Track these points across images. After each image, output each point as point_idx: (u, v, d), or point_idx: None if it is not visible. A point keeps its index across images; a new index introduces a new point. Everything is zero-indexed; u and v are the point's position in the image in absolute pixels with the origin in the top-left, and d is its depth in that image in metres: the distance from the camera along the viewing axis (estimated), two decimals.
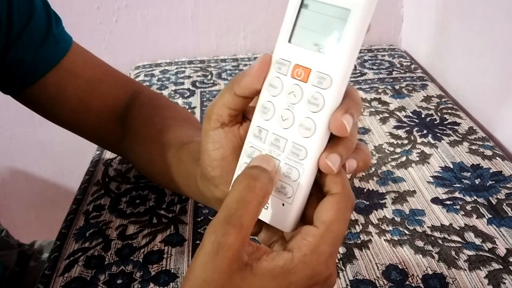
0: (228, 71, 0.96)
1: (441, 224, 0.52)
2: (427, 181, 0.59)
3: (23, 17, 0.48)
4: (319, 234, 0.29)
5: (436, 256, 0.48)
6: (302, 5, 0.30)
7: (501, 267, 0.46)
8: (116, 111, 0.55)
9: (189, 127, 0.51)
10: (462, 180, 0.58)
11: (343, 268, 0.47)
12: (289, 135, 0.30)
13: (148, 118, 0.53)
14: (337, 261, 0.48)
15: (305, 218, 0.32)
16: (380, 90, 0.83)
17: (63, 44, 0.53)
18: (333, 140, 0.30)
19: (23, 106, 0.55)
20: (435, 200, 0.55)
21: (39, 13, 0.50)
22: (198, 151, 0.36)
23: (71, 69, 0.53)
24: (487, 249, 0.48)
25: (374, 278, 0.46)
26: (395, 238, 0.50)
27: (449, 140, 0.67)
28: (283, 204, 0.31)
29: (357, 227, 0.52)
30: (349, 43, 0.28)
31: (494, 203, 0.54)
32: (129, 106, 0.55)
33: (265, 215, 0.32)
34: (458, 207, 0.54)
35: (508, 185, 0.57)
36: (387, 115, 0.75)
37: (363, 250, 0.49)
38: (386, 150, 0.66)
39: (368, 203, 0.56)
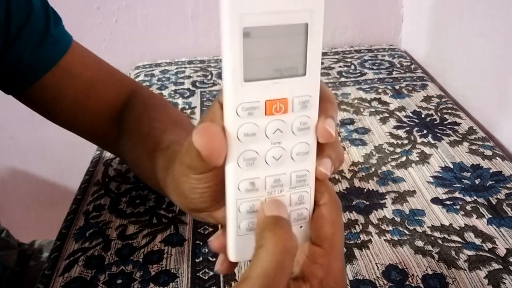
0: None
1: (441, 224, 0.52)
2: (427, 181, 0.59)
3: (21, 17, 0.48)
4: (327, 253, 0.29)
5: (436, 256, 0.48)
6: (244, 36, 0.25)
7: (501, 267, 0.46)
8: (114, 111, 0.55)
9: (175, 131, 0.48)
10: (462, 180, 0.58)
11: None
12: (287, 168, 0.29)
13: (139, 119, 0.52)
14: None
15: None
16: (380, 90, 0.83)
17: (62, 44, 0.53)
18: (320, 146, 0.29)
19: (23, 106, 0.55)
20: (435, 200, 0.55)
21: (37, 13, 0.50)
22: (171, 158, 0.34)
23: (69, 69, 0.53)
24: (487, 249, 0.48)
25: (374, 278, 0.46)
26: (395, 238, 0.50)
27: (449, 140, 0.67)
28: (301, 227, 0.31)
29: (357, 227, 0.52)
30: (316, 57, 0.27)
31: (494, 203, 0.54)
32: (125, 105, 0.55)
33: None
34: (458, 207, 0.54)
35: (508, 185, 0.57)
36: (387, 115, 0.75)
37: (363, 250, 0.49)
38: (386, 150, 0.66)
39: (368, 203, 0.56)
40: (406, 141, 0.68)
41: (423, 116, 0.74)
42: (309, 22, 0.26)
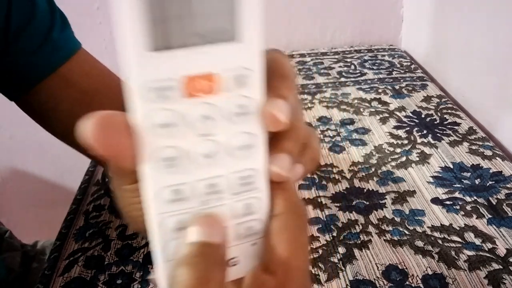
0: None
1: (441, 224, 0.52)
2: (427, 181, 0.59)
3: (21, 21, 0.46)
4: (280, 283, 0.21)
5: (436, 256, 0.48)
6: None
7: (501, 267, 0.46)
8: None
9: None
10: (462, 180, 0.58)
11: (343, 268, 0.47)
12: (225, 168, 0.21)
13: None
14: (337, 261, 0.48)
15: None
16: (380, 90, 0.83)
17: (64, 51, 0.50)
18: (275, 135, 0.22)
19: None
20: (435, 200, 0.55)
21: (40, 18, 0.47)
22: None
23: (66, 77, 0.50)
24: (487, 249, 0.48)
25: (374, 278, 0.46)
26: (395, 238, 0.50)
27: (449, 140, 0.67)
28: (253, 244, 0.23)
29: (357, 227, 0.52)
30: (255, 9, 0.19)
31: (494, 203, 0.54)
32: None
33: (237, 271, 0.23)
34: (458, 207, 0.54)
35: (508, 185, 0.57)
36: (387, 115, 0.75)
37: (363, 250, 0.49)
38: (386, 150, 0.66)
39: (368, 203, 0.56)
40: (406, 141, 0.68)
41: (423, 116, 0.74)
42: None
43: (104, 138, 0.19)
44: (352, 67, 0.94)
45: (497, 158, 0.62)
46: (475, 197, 0.55)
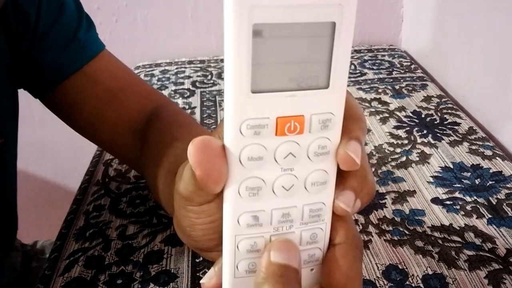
0: None
1: (441, 224, 0.52)
2: (427, 181, 0.59)
3: (49, 20, 0.48)
4: None
5: (436, 256, 0.48)
6: (254, 35, 0.20)
7: (501, 267, 0.46)
8: (135, 124, 0.53)
9: None
10: (462, 180, 0.58)
11: None
12: (299, 200, 0.24)
13: (160, 136, 0.49)
14: None
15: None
16: (380, 90, 0.83)
17: (89, 50, 0.51)
18: (341, 173, 0.24)
19: (23, 106, 0.55)
20: (435, 200, 0.55)
21: (67, 17, 0.49)
22: None
23: (92, 76, 0.51)
24: (487, 249, 0.48)
25: (374, 278, 0.46)
26: (395, 238, 0.50)
27: (449, 140, 0.67)
28: (312, 269, 0.26)
29: (357, 227, 0.52)
30: (344, 66, 0.22)
31: (494, 203, 0.54)
32: (149, 120, 0.52)
33: None
34: (458, 207, 0.54)
35: (508, 185, 0.57)
36: (387, 115, 0.75)
37: (363, 250, 0.49)
38: (386, 150, 0.66)
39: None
40: (406, 141, 0.68)
41: (423, 116, 0.74)
42: (337, 21, 0.21)
43: (202, 158, 0.22)
44: (352, 67, 0.94)
45: (497, 158, 0.62)
46: (475, 197, 0.55)
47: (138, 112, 0.53)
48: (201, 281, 0.27)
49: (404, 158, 0.64)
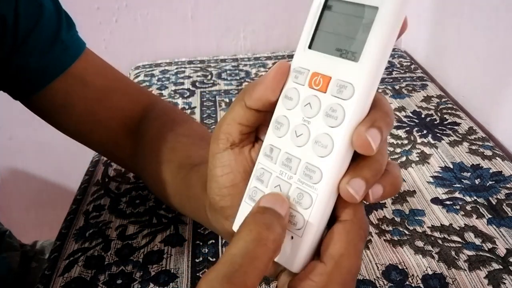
0: (228, 71, 0.96)
1: (441, 224, 0.52)
2: (427, 181, 0.59)
3: (29, 22, 0.46)
4: (327, 272, 0.25)
5: (436, 256, 0.48)
6: (325, 7, 0.26)
7: (501, 267, 0.46)
8: (127, 124, 0.53)
9: (204, 146, 0.43)
10: (462, 180, 0.58)
11: None
12: (303, 154, 0.26)
13: (160, 134, 0.49)
14: None
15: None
16: (380, 90, 0.83)
17: (73, 50, 0.50)
18: (358, 161, 0.26)
19: (23, 106, 0.55)
20: (435, 200, 0.55)
21: (47, 18, 0.48)
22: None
23: (80, 76, 0.50)
24: (487, 249, 0.48)
25: (374, 278, 0.46)
26: (395, 238, 0.50)
27: (449, 140, 0.67)
28: (292, 237, 0.26)
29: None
30: (376, 46, 0.25)
31: (494, 203, 0.54)
32: (142, 119, 0.52)
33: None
34: (458, 207, 0.54)
35: (508, 185, 0.57)
36: None
37: (363, 250, 0.49)
38: None
39: (368, 203, 0.56)
40: (406, 141, 0.68)
41: (423, 116, 0.74)
42: (380, 6, 0.24)
43: (279, 79, 0.28)
44: None
45: (497, 158, 0.62)
46: (475, 197, 0.55)
47: (130, 110, 0.53)
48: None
49: (404, 158, 0.64)
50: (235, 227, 0.29)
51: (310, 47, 0.27)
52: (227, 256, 0.23)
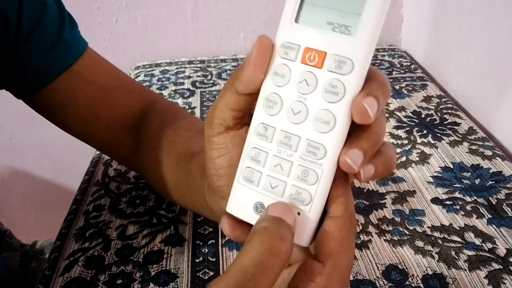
0: (228, 71, 0.96)
1: (441, 224, 0.52)
2: (427, 181, 0.59)
3: (32, 20, 0.47)
4: (327, 272, 0.26)
5: (436, 256, 0.48)
6: None
7: (501, 267, 0.46)
8: (129, 121, 0.53)
9: (203, 137, 0.46)
10: (462, 180, 0.58)
11: None
12: (303, 132, 0.26)
13: (160, 128, 0.50)
14: None
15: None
16: None
17: (75, 49, 0.51)
18: (355, 133, 0.26)
19: (23, 106, 0.55)
20: (435, 200, 0.55)
21: (50, 17, 0.48)
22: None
23: (83, 75, 0.51)
24: (487, 249, 0.48)
25: (374, 278, 0.46)
26: (395, 238, 0.50)
27: (449, 140, 0.67)
28: (298, 213, 0.27)
29: (357, 227, 0.52)
30: (372, 19, 0.24)
31: (494, 203, 0.54)
32: (143, 116, 0.53)
33: None
34: (458, 207, 0.54)
35: (508, 185, 0.57)
36: (387, 115, 0.75)
37: (363, 250, 0.49)
38: None
39: (368, 203, 0.56)
40: (406, 141, 0.68)
41: (423, 116, 0.74)
42: None
43: (262, 56, 0.27)
44: None
45: (497, 158, 0.62)
46: (475, 197, 0.55)
47: (132, 108, 0.54)
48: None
49: (404, 158, 0.64)
50: (228, 209, 0.29)
51: (296, 21, 0.26)
52: (238, 266, 0.23)
